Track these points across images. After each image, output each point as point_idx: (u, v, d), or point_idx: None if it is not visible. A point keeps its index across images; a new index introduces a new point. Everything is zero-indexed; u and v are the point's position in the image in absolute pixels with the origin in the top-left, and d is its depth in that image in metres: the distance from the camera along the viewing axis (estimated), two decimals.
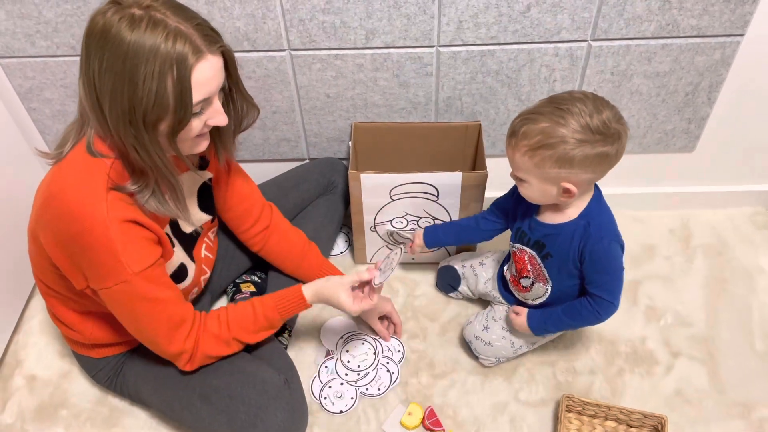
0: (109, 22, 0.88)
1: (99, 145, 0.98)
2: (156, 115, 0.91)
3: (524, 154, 1.08)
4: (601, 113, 1.04)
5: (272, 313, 1.18)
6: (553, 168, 1.07)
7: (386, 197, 1.46)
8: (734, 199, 1.72)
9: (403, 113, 1.52)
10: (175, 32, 0.88)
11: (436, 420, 1.32)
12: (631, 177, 1.68)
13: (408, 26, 1.34)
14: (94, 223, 0.94)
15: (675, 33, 1.34)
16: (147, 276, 1.00)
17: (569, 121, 1.03)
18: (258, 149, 1.62)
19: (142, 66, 0.87)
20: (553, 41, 1.36)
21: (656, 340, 1.46)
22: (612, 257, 1.17)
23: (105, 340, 1.23)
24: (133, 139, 0.93)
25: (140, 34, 0.87)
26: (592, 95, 1.06)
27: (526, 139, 1.07)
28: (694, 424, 1.31)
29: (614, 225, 1.19)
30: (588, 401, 1.28)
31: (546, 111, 1.05)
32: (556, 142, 1.04)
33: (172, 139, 0.95)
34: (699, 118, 1.52)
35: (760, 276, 1.58)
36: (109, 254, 0.96)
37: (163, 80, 0.88)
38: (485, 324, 1.39)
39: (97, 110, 0.93)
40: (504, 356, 1.38)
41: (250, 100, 1.11)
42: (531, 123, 1.06)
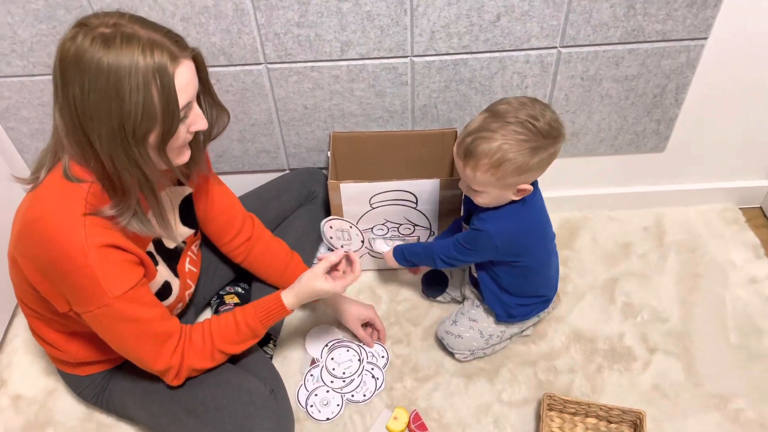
0: (81, 47, 0.88)
1: (76, 170, 0.99)
2: (145, 128, 0.93)
3: (486, 172, 1.12)
4: (545, 115, 1.09)
5: (254, 322, 1.19)
6: (513, 177, 1.13)
7: (366, 205, 1.49)
8: (705, 196, 1.77)
9: (380, 122, 1.55)
10: (150, 43, 0.90)
11: (422, 423, 1.35)
12: (605, 178, 1.72)
13: (382, 38, 1.36)
14: (73, 249, 0.95)
15: (641, 38, 1.38)
16: (129, 298, 1.01)
17: (520, 132, 1.08)
18: (237, 161, 1.63)
19: (126, 81, 0.88)
20: (523, 49, 1.40)
21: (633, 337, 1.49)
22: (474, 238, 1.25)
23: (90, 358, 1.23)
24: (124, 157, 0.94)
25: (117, 51, 0.88)
26: (529, 99, 1.12)
27: (486, 158, 1.10)
28: (672, 418, 1.34)
29: (507, 226, 1.22)
30: (568, 399, 1.31)
31: (496, 127, 1.09)
32: (514, 156, 1.09)
33: (162, 149, 0.97)
34: (668, 119, 1.56)
35: (732, 270, 1.62)
36: (88, 280, 0.97)
37: (148, 91, 0.90)
38: (454, 319, 1.43)
39: (80, 135, 0.94)
40: (477, 348, 1.41)
41: (220, 104, 1.11)
42: (485, 142, 1.10)
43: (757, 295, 1.56)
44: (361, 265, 1.26)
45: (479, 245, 1.25)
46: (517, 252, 1.26)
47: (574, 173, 1.69)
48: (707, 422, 1.33)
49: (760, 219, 1.78)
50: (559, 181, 1.66)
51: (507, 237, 1.22)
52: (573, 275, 1.63)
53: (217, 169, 1.64)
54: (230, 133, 1.56)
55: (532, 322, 1.44)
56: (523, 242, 1.26)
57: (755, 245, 1.69)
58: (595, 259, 1.67)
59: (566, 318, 1.54)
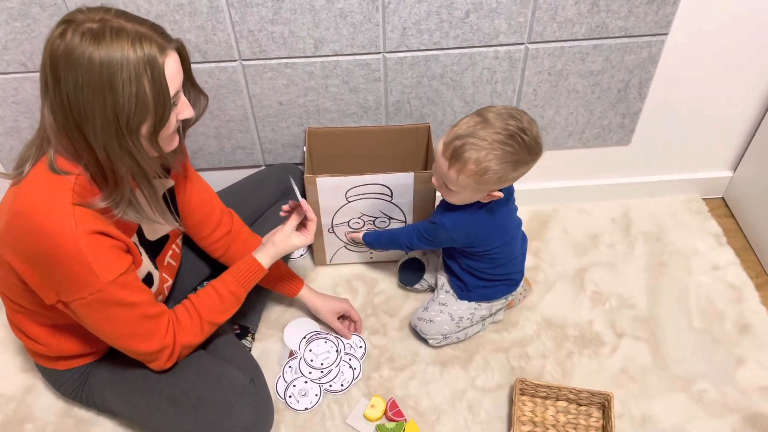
0: (71, 43, 0.90)
1: (62, 163, 1.00)
2: (139, 118, 0.95)
3: (469, 177, 1.15)
4: (532, 129, 1.13)
5: (235, 287, 1.22)
6: (492, 185, 1.18)
7: (342, 199, 1.51)
8: (670, 188, 1.84)
9: (354, 117, 1.58)
10: (139, 36, 0.92)
11: (398, 411, 1.38)
12: (573, 171, 1.77)
13: (354, 34, 1.39)
14: (64, 238, 0.96)
15: (605, 34, 1.43)
16: (121, 283, 1.03)
17: (511, 145, 1.12)
18: (214, 157, 1.65)
19: (118, 74, 0.91)
20: (492, 45, 1.44)
21: (602, 323, 1.54)
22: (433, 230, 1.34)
23: (71, 352, 1.24)
24: (118, 148, 0.97)
25: (107, 45, 0.90)
26: (517, 111, 1.14)
27: (473, 165, 1.13)
28: (639, 399, 1.39)
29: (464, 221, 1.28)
30: (540, 384, 1.36)
31: (485, 135, 1.12)
32: (500, 168, 1.13)
33: (154, 138, 0.99)
34: (632, 112, 1.62)
35: (696, 258, 1.69)
36: (81, 266, 0.98)
37: (140, 83, 0.92)
38: (425, 305, 1.48)
39: (73, 130, 0.96)
40: (448, 331, 1.45)
41: (200, 89, 1.14)
42: (475, 150, 1.12)
43: (719, 281, 1.63)
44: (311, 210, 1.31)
45: (437, 236, 1.34)
46: (472, 243, 1.33)
47: (543, 167, 1.71)
48: (672, 403, 1.39)
49: (722, 209, 1.85)
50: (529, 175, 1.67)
51: (462, 230, 1.29)
52: (544, 265, 1.68)
53: (194, 166, 1.64)
54: (206, 130, 1.57)
55: (501, 304, 1.48)
56: (479, 236, 1.31)
57: (717, 234, 1.75)
58: (565, 250, 1.72)
59: (537, 306, 1.58)
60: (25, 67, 1.41)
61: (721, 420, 1.36)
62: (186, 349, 1.19)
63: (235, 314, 1.47)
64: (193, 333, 1.18)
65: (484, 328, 1.53)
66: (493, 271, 1.39)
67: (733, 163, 1.81)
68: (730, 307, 1.57)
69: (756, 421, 1.35)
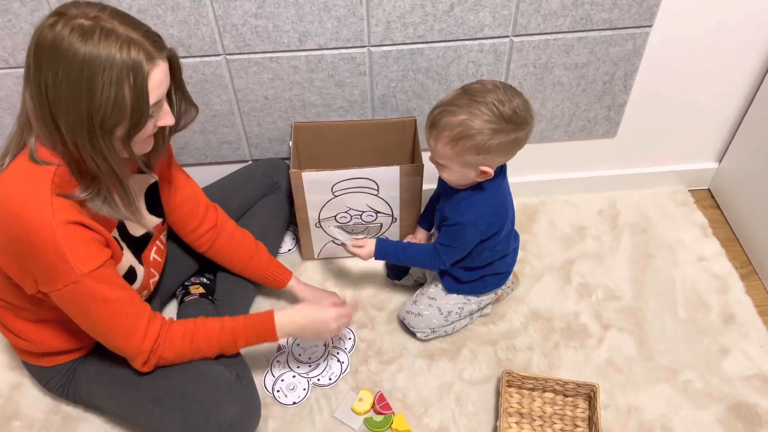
0: (59, 35, 0.90)
1: (42, 153, 1.00)
2: (114, 121, 0.95)
3: (446, 144, 1.16)
4: (512, 101, 1.13)
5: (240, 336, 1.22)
6: (472, 155, 1.16)
7: (328, 194, 1.51)
8: (656, 180, 1.84)
9: (340, 111, 1.58)
10: (128, 41, 0.92)
11: (386, 404, 1.38)
12: (560, 163, 1.78)
13: (339, 28, 1.39)
14: (40, 226, 0.96)
15: (589, 26, 1.44)
16: (97, 276, 1.02)
17: (485, 112, 1.12)
18: (200, 153, 1.64)
19: (100, 75, 0.90)
20: (477, 38, 1.44)
21: (588, 315, 1.55)
22: (458, 233, 1.28)
23: (57, 348, 1.24)
24: (90, 146, 0.96)
25: (94, 44, 0.90)
26: (502, 84, 1.15)
27: (447, 130, 1.15)
28: (625, 390, 1.40)
29: (481, 209, 1.26)
30: (526, 375, 1.36)
31: (463, 103, 1.14)
32: (474, 133, 1.13)
33: (127, 141, 0.99)
34: (618, 105, 1.62)
35: (681, 249, 1.70)
36: (56, 256, 0.98)
37: (120, 87, 0.92)
38: (414, 299, 1.48)
39: (48, 121, 0.95)
40: (437, 325, 1.45)
41: (191, 100, 1.14)
42: (450, 115, 1.14)
43: (705, 272, 1.64)
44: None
45: (465, 237, 1.28)
46: (495, 230, 1.31)
47: (530, 160, 1.74)
48: (658, 393, 1.40)
49: (707, 200, 1.86)
50: (516, 168, 1.69)
51: (485, 218, 1.27)
52: (531, 258, 1.69)
53: (180, 161, 1.64)
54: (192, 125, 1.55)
55: (490, 299, 1.49)
56: (499, 218, 1.30)
57: (703, 225, 1.76)
58: (552, 242, 1.73)
59: (524, 299, 1.59)
60: (7, 63, 1.39)
61: (707, 410, 1.37)
62: (164, 361, 1.17)
63: (223, 310, 1.49)
64: (179, 352, 1.17)
65: (473, 321, 1.53)
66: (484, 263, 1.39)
67: (718, 154, 1.82)
68: (715, 298, 1.58)
69: (740, 410, 1.36)
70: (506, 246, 1.39)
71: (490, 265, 1.39)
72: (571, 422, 1.35)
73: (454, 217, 1.27)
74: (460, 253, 1.33)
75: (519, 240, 1.48)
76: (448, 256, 1.33)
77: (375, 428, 1.34)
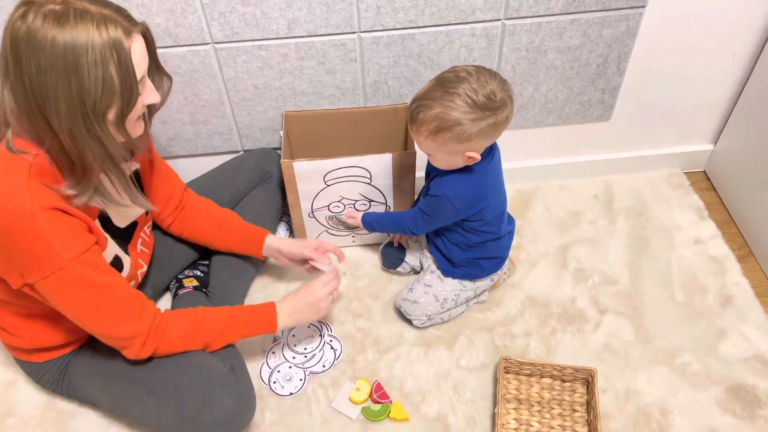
0: (33, 26, 0.88)
1: (19, 143, 0.98)
2: (106, 103, 0.93)
3: (426, 138, 1.17)
4: (485, 87, 1.12)
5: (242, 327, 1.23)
6: (454, 145, 1.17)
7: (321, 183, 1.50)
8: (651, 163, 1.83)
9: (332, 99, 1.56)
10: (103, 18, 0.90)
11: (384, 393, 1.38)
12: (554, 148, 1.76)
13: (328, 14, 1.37)
14: (19, 213, 0.94)
15: (581, 8, 1.42)
16: (84, 261, 1.01)
17: (459, 104, 1.12)
18: (190, 144, 1.62)
19: (83, 57, 0.89)
20: (468, 22, 1.42)
21: (585, 300, 1.55)
22: (435, 204, 1.30)
23: (47, 344, 1.22)
24: (86, 132, 0.95)
25: (72, 28, 0.88)
26: (475, 69, 1.14)
27: (424, 125, 1.16)
28: (622, 374, 1.40)
29: (461, 189, 1.26)
30: (524, 361, 1.36)
31: (437, 96, 1.13)
32: (452, 124, 1.13)
33: (121, 123, 0.98)
34: (611, 88, 1.61)
35: (677, 232, 1.69)
36: (39, 243, 0.96)
37: (106, 66, 0.91)
38: (410, 287, 1.47)
39: (35, 115, 0.93)
40: (433, 312, 1.44)
41: (164, 71, 1.12)
42: (426, 109, 1.14)
43: (701, 255, 1.63)
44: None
45: (441, 210, 1.30)
46: (474, 211, 1.31)
47: (524, 145, 1.73)
48: (656, 376, 1.39)
49: (703, 182, 1.86)
50: (510, 153, 1.70)
51: (464, 199, 1.27)
52: (526, 244, 1.68)
53: (170, 153, 1.63)
54: (181, 116, 1.55)
55: (486, 286, 1.48)
56: (479, 202, 1.30)
57: (699, 207, 1.76)
58: (548, 228, 1.72)
59: (521, 285, 1.58)
60: None
61: (705, 392, 1.36)
62: (162, 347, 1.15)
63: (218, 301, 1.48)
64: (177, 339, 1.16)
65: (469, 308, 1.52)
66: (478, 249, 1.38)
67: (713, 136, 1.80)
68: (712, 280, 1.57)
69: (739, 392, 1.36)
70: (498, 228, 1.37)
71: (483, 247, 1.38)
72: (570, 407, 1.35)
73: (435, 189, 1.29)
74: (434, 224, 1.36)
75: (514, 223, 1.47)
76: (424, 221, 1.35)
77: (373, 417, 1.34)
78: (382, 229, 1.50)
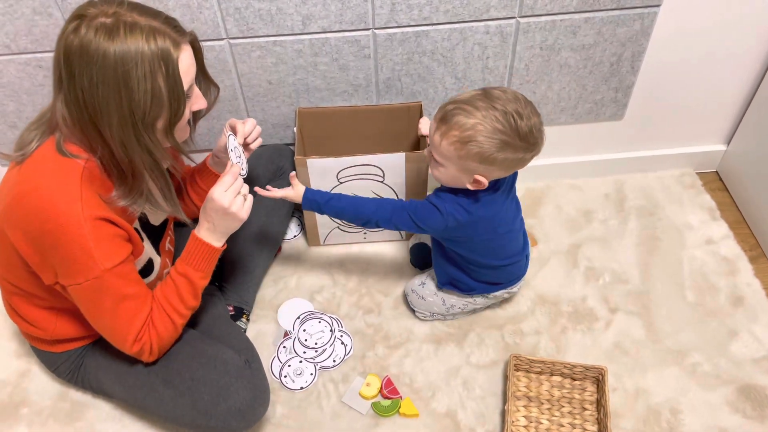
0: (86, 38, 0.91)
1: (70, 147, 1.01)
2: (155, 114, 0.97)
3: (451, 144, 1.12)
4: (531, 119, 1.10)
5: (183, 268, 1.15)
6: (474, 163, 1.12)
7: (334, 180, 1.50)
8: (663, 162, 1.83)
9: (345, 96, 1.56)
10: (152, 31, 0.93)
11: (393, 388, 1.38)
12: (566, 147, 1.76)
13: (343, 10, 1.37)
14: (69, 220, 0.97)
15: (596, 6, 1.42)
16: (118, 273, 1.03)
17: (501, 121, 1.08)
18: (204, 139, 1.63)
19: (134, 70, 0.92)
20: (483, 19, 1.42)
21: (596, 298, 1.55)
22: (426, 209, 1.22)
23: (67, 335, 1.24)
24: (136, 143, 0.98)
25: (122, 41, 0.91)
26: (524, 98, 1.12)
27: (457, 129, 1.10)
28: (632, 373, 1.40)
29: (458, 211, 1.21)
30: (534, 359, 1.36)
31: (481, 106, 1.09)
32: (483, 140, 1.09)
33: (170, 131, 1.01)
34: (625, 86, 1.61)
35: (689, 232, 1.68)
36: (82, 251, 0.98)
37: (155, 78, 0.94)
38: (423, 280, 1.48)
39: (89, 126, 0.96)
40: (437, 312, 1.45)
41: (212, 80, 1.15)
42: (464, 115, 1.09)
43: (713, 255, 1.63)
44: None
45: (428, 217, 1.23)
46: (459, 236, 1.27)
47: None
48: (666, 376, 1.40)
49: (715, 182, 1.85)
50: None
51: (456, 222, 1.22)
52: (538, 242, 1.68)
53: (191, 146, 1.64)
54: None
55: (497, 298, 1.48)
56: (469, 232, 1.25)
57: (711, 208, 1.75)
58: (559, 226, 1.72)
59: (531, 283, 1.58)
60: (9, 49, 1.38)
61: (715, 392, 1.36)
62: (163, 342, 1.15)
63: (230, 296, 1.49)
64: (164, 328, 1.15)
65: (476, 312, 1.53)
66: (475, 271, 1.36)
67: (726, 136, 1.80)
68: (723, 280, 1.57)
69: (749, 392, 1.36)
70: (491, 260, 1.33)
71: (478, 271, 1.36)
72: (579, 405, 1.35)
73: (434, 199, 1.23)
74: (414, 225, 1.24)
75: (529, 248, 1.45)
76: (407, 216, 1.24)
77: (383, 412, 1.34)
78: (333, 213, 1.29)
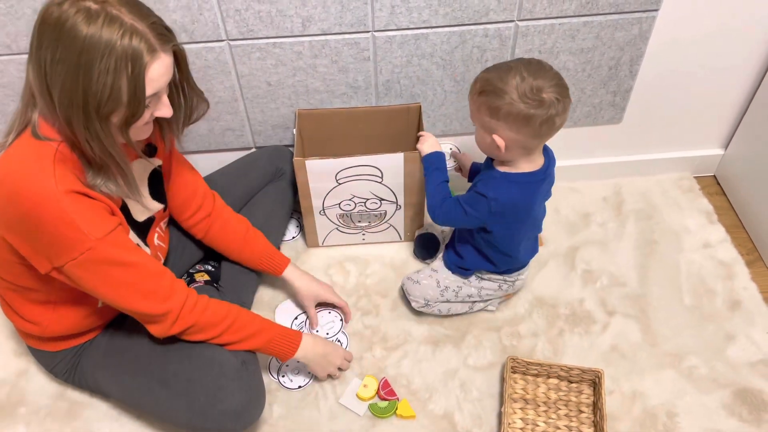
0: (65, 14, 0.90)
1: (44, 129, 1.00)
2: (110, 108, 0.95)
3: (470, 97, 1.22)
4: (537, 79, 1.12)
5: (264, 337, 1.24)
6: (486, 116, 1.18)
7: (332, 181, 1.51)
8: (661, 166, 1.83)
9: (344, 98, 1.57)
10: (131, 30, 0.91)
11: (391, 390, 1.39)
12: (565, 150, 1.76)
13: (342, 12, 1.38)
14: (45, 198, 0.95)
15: (595, 10, 1.42)
16: (111, 241, 1.02)
17: (509, 77, 1.13)
18: (203, 140, 1.64)
19: (98, 61, 0.90)
20: (482, 23, 1.42)
21: (593, 301, 1.55)
22: (476, 200, 1.29)
23: (64, 332, 1.24)
24: (83, 128, 0.96)
25: (96, 29, 0.89)
26: (538, 63, 1.16)
27: (477, 83, 1.19)
28: (629, 376, 1.40)
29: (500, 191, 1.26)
30: (531, 361, 1.36)
31: (502, 66, 1.17)
32: (491, 91, 1.15)
33: (125, 129, 0.99)
34: (623, 90, 1.61)
35: (687, 236, 1.69)
36: (66, 225, 0.97)
37: (118, 76, 0.92)
38: (419, 269, 1.51)
39: (46, 95, 0.95)
40: (432, 297, 1.45)
41: (201, 95, 1.14)
42: (486, 71, 1.19)
43: (710, 259, 1.63)
44: None
45: (478, 207, 1.28)
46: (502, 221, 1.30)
47: None
48: (663, 379, 1.40)
49: (713, 187, 1.86)
50: None
51: (500, 205, 1.26)
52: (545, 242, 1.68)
53: (183, 149, 1.64)
54: None
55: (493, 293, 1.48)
56: (510, 215, 1.29)
57: (708, 212, 1.76)
58: (557, 229, 1.72)
59: (529, 285, 1.59)
60: (10, 50, 1.39)
61: (711, 395, 1.37)
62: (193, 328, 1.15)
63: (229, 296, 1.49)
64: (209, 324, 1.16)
65: (473, 311, 1.53)
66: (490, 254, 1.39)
67: (724, 140, 1.80)
68: (720, 284, 1.57)
69: (746, 396, 1.36)
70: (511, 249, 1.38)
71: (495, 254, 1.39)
72: (576, 408, 1.35)
73: (480, 187, 1.29)
74: (466, 221, 1.32)
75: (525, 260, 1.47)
76: (456, 213, 1.32)
77: (380, 414, 1.35)
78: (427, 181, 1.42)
